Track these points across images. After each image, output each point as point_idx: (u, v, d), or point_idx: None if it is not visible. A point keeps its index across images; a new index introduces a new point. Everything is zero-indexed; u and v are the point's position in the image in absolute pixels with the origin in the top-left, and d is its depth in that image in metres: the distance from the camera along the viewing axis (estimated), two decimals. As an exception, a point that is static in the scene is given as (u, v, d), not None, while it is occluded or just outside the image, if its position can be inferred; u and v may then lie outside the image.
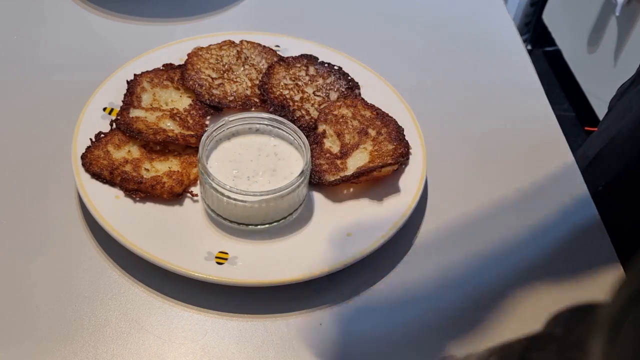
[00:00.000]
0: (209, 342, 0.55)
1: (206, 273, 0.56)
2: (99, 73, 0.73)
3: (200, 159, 0.59)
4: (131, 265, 0.59)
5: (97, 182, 0.62)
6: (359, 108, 0.70)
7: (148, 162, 0.64)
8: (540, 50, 2.27)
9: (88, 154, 0.63)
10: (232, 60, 0.75)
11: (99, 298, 0.57)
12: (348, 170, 0.65)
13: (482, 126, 0.77)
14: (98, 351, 0.53)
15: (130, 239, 0.57)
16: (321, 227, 0.62)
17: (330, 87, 0.74)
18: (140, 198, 0.61)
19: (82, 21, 0.85)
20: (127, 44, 0.81)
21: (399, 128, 0.69)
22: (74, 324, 0.55)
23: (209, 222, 0.61)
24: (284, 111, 0.69)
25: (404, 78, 0.79)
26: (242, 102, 0.71)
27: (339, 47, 0.79)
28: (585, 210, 0.68)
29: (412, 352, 0.56)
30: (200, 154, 0.60)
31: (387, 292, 0.60)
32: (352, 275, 0.60)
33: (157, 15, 0.86)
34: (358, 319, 0.58)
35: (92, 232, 0.61)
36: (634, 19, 1.68)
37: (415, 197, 0.63)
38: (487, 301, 0.60)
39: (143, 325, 0.55)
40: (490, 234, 0.65)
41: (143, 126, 0.66)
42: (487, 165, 0.72)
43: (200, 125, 0.68)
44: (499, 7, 0.96)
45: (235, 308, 0.57)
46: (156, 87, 0.71)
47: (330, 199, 0.64)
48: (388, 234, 0.60)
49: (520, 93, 0.82)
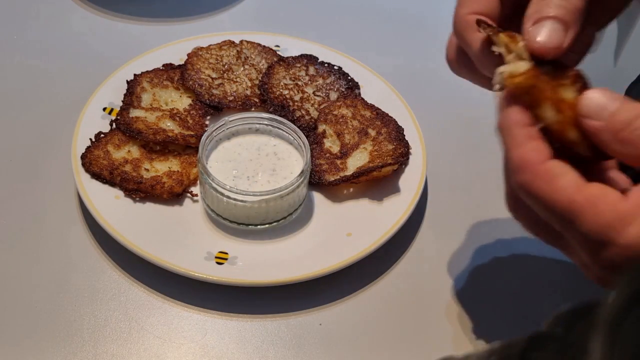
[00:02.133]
0: (209, 342, 0.55)
1: (206, 273, 0.56)
2: (99, 73, 0.73)
3: (200, 159, 0.59)
4: (131, 265, 0.59)
5: (97, 182, 0.62)
6: (359, 108, 0.70)
7: (148, 162, 0.64)
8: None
9: (88, 154, 0.63)
10: (232, 60, 0.75)
11: (99, 298, 0.57)
12: (348, 170, 0.65)
13: (482, 126, 0.76)
14: (98, 351, 0.53)
15: (130, 239, 0.57)
16: (321, 227, 0.62)
17: (330, 87, 0.74)
18: (140, 198, 0.61)
19: (82, 21, 0.84)
20: (127, 44, 0.81)
21: (399, 128, 0.69)
22: (73, 324, 0.55)
23: (209, 222, 0.61)
24: (284, 111, 0.69)
25: (404, 78, 0.79)
26: (242, 102, 0.71)
27: (339, 47, 0.79)
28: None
29: (412, 352, 0.56)
30: (200, 154, 0.60)
31: (387, 292, 0.60)
32: (352, 275, 0.60)
33: (157, 15, 0.86)
34: (358, 319, 0.58)
35: (92, 232, 0.61)
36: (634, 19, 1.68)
37: (415, 197, 0.63)
38: (487, 301, 0.60)
39: (143, 325, 0.55)
40: (490, 233, 0.65)
41: (143, 126, 0.66)
42: (487, 165, 0.72)
43: (200, 125, 0.68)
44: (499, 7, 0.96)
45: (235, 308, 0.57)
46: (156, 87, 0.71)
47: (330, 199, 0.64)
48: (388, 234, 0.60)
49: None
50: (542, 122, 0.41)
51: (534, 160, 0.39)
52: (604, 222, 0.37)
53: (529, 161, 0.39)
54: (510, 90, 0.41)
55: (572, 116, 0.40)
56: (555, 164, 0.39)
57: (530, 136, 0.39)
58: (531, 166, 0.39)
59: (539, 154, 0.39)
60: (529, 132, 0.40)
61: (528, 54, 0.42)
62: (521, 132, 0.40)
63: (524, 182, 0.39)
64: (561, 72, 0.42)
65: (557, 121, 0.40)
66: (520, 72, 0.41)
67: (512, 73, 0.41)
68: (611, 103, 0.39)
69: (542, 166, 0.38)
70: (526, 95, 0.41)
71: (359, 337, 0.56)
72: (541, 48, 0.41)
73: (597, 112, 0.39)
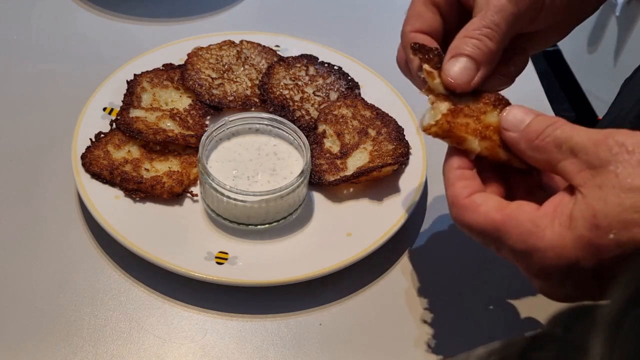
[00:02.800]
0: (209, 342, 0.55)
1: (206, 273, 0.56)
2: (99, 73, 0.73)
3: (200, 159, 0.59)
4: (131, 265, 0.59)
5: (97, 182, 0.62)
6: (359, 108, 0.70)
7: (148, 162, 0.64)
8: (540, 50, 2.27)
9: (88, 154, 0.63)
10: (232, 60, 0.75)
11: (99, 298, 0.57)
12: (348, 170, 0.65)
13: (482, 126, 0.77)
14: (98, 351, 0.53)
15: (130, 239, 0.57)
16: (321, 227, 0.62)
17: (330, 87, 0.74)
18: (140, 198, 0.61)
19: (82, 21, 0.85)
20: (127, 44, 0.81)
21: (399, 128, 0.69)
22: (73, 324, 0.55)
23: (209, 222, 0.61)
24: (284, 111, 0.69)
25: (404, 78, 0.79)
26: (242, 102, 0.71)
27: (339, 47, 0.79)
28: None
29: (412, 352, 0.56)
30: (200, 154, 0.60)
31: (387, 292, 0.60)
32: (352, 275, 0.60)
33: (157, 15, 0.86)
34: (358, 319, 0.58)
35: (92, 232, 0.61)
36: (634, 19, 1.68)
37: (415, 197, 0.64)
38: (487, 301, 0.60)
39: (143, 325, 0.55)
40: (490, 234, 0.65)
41: (143, 126, 0.66)
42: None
43: (200, 125, 0.68)
44: (499, 7, 0.96)
45: (235, 308, 0.57)
46: (156, 87, 0.71)
47: (330, 199, 0.64)
48: (388, 234, 0.60)
49: (520, 93, 0.82)
50: (473, 153, 0.46)
51: (460, 195, 0.43)
52: (524, 231, 0.40)
53: (457, 197, 0.44)
54: (433, 136, 0.46)
55: (499, 138, 0.45)
56: (478, 195, 0.43)
57: (459, 177, 0.45)
58: (458, 201, 0.43)
59: (465, 190, 0.44)
60: (461, 173, 0.45)
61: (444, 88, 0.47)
62: (453, 174, 0.45)
63: (456, 215, 0.44)
64: (483, 99, 0.47)
65: (485, 147, 0.45)
66: (433, 122, 0.46)
67: (427, 125, 0.46)
68: (527, 116, 0.44)
69: (467, 199, 0.43)
70: (448, 138, 0.46)
71: (359, 337, 0.56)
72: (453, 84, 0.46)
73: (515, 125, 0.44)
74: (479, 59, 0.46)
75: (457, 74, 0.46)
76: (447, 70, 0.46)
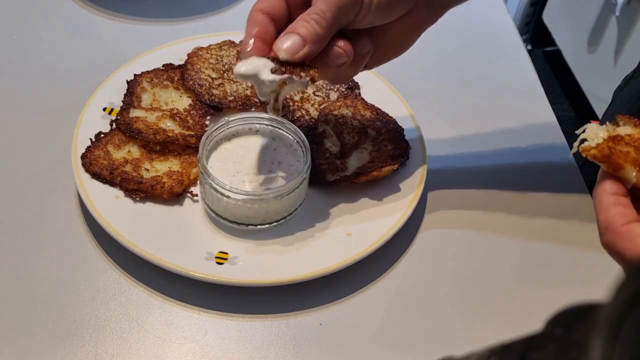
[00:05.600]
0: (209, 342, 0.55)
1: (206, 273, 0.56)
2: (99, 73, 0.73)
3: (200, 159, 0.59)
4: (131, 265, 0.59)
5: (97, 182, 0.62)
6: (359, 108, 0.70)
7: (148, 162, 0.64)
8: (540, 50, 2.27)
9: (88, 154, 0.63)
10: (232, 60, 0.75)
11: (99, 298, 0.57)
12: (348, 170, 0.65)
13: (482, 126, 0.76)
14: (98, 351, 0.53)
15: (130, 239, 0.57)
16: (321, 227, 0.62)
17: (330, 87, 0.74)
18: (140, 198, 0.61)
19: (82, 21, 0.84)
20: (127, 44, 0.81)
21: (399, 128, 0.69)
22: (73, 324, 0.55)
23: (209, 222, 0.61)
24: (284, 111, 0.69)
25: (404, 78, 0.79)
26: (242, 102, 0.71)
27: (339, 47, 0.79)
28: (585, 209, 0.68)
29: (412, 352, 0.56)
30: (200, 154, 0.60)
31: (387, 292, 0.60)
32: (352, 275, 0.60)
33: (157, 15, 0.86)
34: (358, 319, 0.58)
35: (92, 232, 0.61)
36: (634, 19, 1.68)
37: (415, 197, 0.63)
38: (487, 301, 0.60)
39: (143, 325, 0.55)
40: (490, 233, 0.65)
41: (143, 126, 0.66)
42: (487, 165, 0.72)
43: (200, 125, 0.68)
44: (499, 7, 0.96)
45: (235, 308, 0.57)
46: (156, 87, 0.71)
47: (330, 199, 0.64)
48: (388, 234, 0.60)
49: (520, 93, 0.82)
50: (629, 183, 0.46)
51: (617, 222, 0.43)
52: None
53: (613, 223, 0.43)
54: (590, 158, 0.46)
55: None
56: (636, 225, 0.43)
57: (615, 203, 0.44)
58: (614, 227, 0.43)
59: (621, 218, 0.43)
60: (616, 199, 0.45)
61: None
62: (607, 199, 0.45)
63: (609, 241, 0.44)
64: None
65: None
66: (594, 145, 0.46)
67: (586, 147, 0.47)
68: None
69: (623, 227, 0.43)
70: (605, 163, 0.46)
71: (359, 337, 0.56)
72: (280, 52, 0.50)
73: None
74: (306, 38, 0.50)
75: (286, 47, 0.50)
76: (278, 43, 0.51)
